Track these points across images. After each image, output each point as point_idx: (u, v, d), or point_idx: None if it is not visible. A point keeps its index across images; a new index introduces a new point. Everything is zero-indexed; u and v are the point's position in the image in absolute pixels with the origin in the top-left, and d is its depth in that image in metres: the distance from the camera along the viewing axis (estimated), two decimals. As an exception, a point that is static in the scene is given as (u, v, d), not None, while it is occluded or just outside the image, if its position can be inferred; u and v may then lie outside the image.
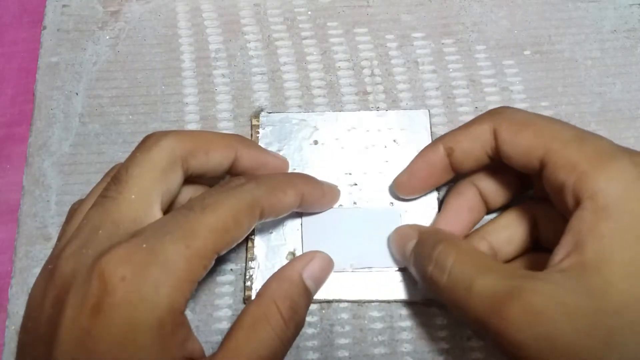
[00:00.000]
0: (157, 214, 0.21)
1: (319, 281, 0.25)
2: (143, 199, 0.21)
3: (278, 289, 0.23)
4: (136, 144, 0.24)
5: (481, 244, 0.25)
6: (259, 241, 0.27)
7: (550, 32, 0.32)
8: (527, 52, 0.32)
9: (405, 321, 0.26)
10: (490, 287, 0.20)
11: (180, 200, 0.24)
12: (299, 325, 0.23)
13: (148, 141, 0.22)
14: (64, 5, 0.33)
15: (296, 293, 0.23)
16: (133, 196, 0.21)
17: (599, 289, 0.19)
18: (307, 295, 0.24)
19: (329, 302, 0.26)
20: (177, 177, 0.22)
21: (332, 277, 0.26)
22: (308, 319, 0.26)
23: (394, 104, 0.31)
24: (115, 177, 0.21)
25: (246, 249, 0.27)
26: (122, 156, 0.29)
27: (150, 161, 0.22)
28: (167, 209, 0.22)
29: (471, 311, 0.20)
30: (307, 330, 0.26)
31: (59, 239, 0.24)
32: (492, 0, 0.33)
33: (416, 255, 0.24)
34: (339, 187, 0.28)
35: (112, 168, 0.25)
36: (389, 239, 0.27)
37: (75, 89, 0.31)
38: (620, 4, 0.33)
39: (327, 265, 0.26)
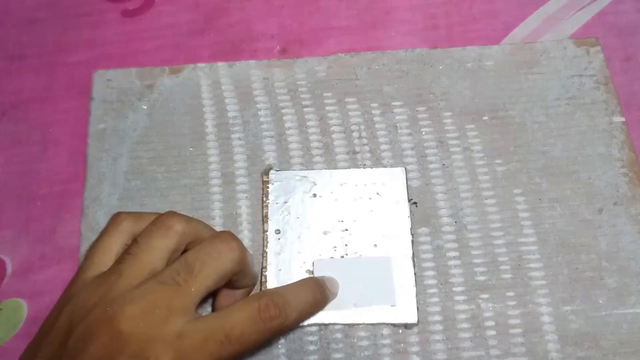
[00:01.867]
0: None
1: None
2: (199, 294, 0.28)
3: None
4: (171, 197, 0.32)
5: None
6: (271, 282, 0.34)
7: (505, 101, 0.40)
8: (485, 118, 0.39)
9: (386, 339, 0.33)
10: None
11: None
12: None
13: (219, 244, 0.29)
14: (108, 80, 0.40)
15: None
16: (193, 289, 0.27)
17: None
18: None
19: (326, 325, 0.34)
20: None
21: (331, 307, 0.34)
22: (309, 338, 0.33)
23: (377, 161, 0.38)
24: (188, 265, 0.28)
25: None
26: (160, 207, 0.36)
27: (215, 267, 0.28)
28: None
29: None
30: (309, 347, 0.33)
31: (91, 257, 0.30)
32: (457, 74, 0.40)
33: None
34: (333, 233, 0.35)
35: (114, 215, 0.31)
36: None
37: (120, 151, 0.38)
38: (563, 75, 0.40)
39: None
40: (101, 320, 0.26)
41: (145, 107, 0.40)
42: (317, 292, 0.32)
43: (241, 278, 0.30)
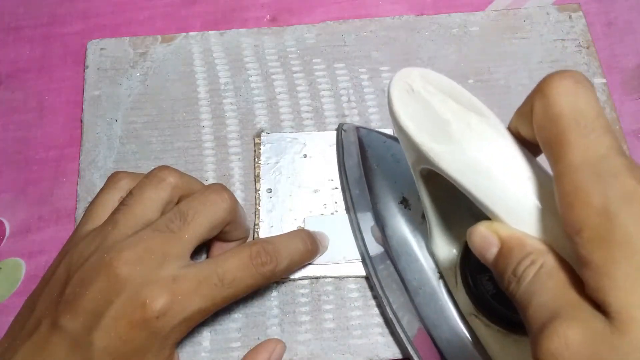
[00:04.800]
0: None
1: None
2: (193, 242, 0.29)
3: None
4: (165, 160, 0.33)
5: None
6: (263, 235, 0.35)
7: (489, 65, 0.41)
8: (470, 81, 0.40)
9: (374, 291, 0.35)
10: (541, 313, 0.20)
11: None
12: None
13: (211, 195, 0.30)
14: (101, 49, 0.41)
15: None
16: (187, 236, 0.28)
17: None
18: None
19: (317, 278, 0.35)
20: None
21: (322, 261, 0.35)
22: (301, 290, 0.34)
23: (366, 124, 0.39)
24: (182, 214, 0.29)
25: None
26: (154, 169, 0.37)
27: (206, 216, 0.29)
28: None
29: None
30: (301, 299, 0.34)
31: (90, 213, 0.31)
32: (443, 39, 0.41)
33: (496, 264, 0.23)
34: (323, 191, 0.36)
35: (113, 174, 0.32)
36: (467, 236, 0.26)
37: (114, 116, 0.39)
38: (546, 39, 0.41)
39: (283, 353, 0.32)
40: (98, 266, 0.27)
41: (138, 75, 0.41)
42: (308, 241, 0.33)
43: (233, 229, 0.31)
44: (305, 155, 0.38)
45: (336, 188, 0.37)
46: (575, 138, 0.20)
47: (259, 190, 0.37)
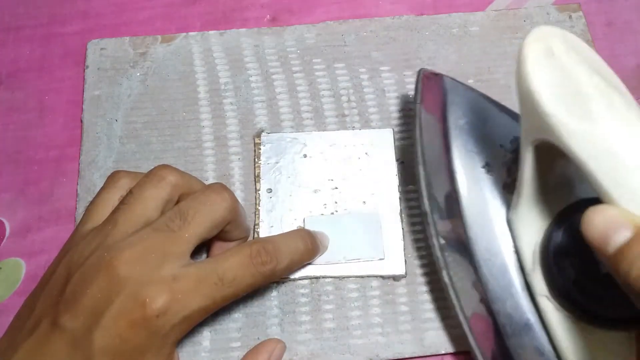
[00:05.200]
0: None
1: None
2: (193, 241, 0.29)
3: None
4: (165, 160, 0.33)
5: None
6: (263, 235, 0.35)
7: (490, 64, 0.41)
8: (470, 81, 0.40)
9: (375, 291, 0.35)
10: None
11: None
12: None
13: (211, 194, 0.30)
14: (102, 49, 0.41)
15: None
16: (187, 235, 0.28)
17: None
18: None
19: (317, 278, 0.35)
20: None
21: (322, 261, 0.35)
22: (301, 290, 0.34)
23: (366, 124, 0.39)
24: (182, 213, 0.29)
25: (253, 239, 0.35)
26: (154, 169, 0.37)
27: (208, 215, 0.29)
28: None
29: None
30: (301, 299, 0.34)
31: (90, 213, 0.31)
32: (443, 39, 0.41)
33: (621, 254, 0.21)
34: (323, 191, 0.36)
35: (112, 173, 0.32)
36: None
37: (114, 116, 0.39)
38: (546, 40, 0.41)
39: (283, 353, 0.32)
40: (99, 265, 0.27)
41: (138, 75, 0.41)
42: (308, 241, 0.33)
43: (233, 229, 0.31)
44: (305, 155, 0.38)
45: (336, 188, 0.37)
46: None
47: (259, 190, 0.37)
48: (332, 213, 0.36)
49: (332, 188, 0.37)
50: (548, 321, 0.28)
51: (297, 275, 0.34)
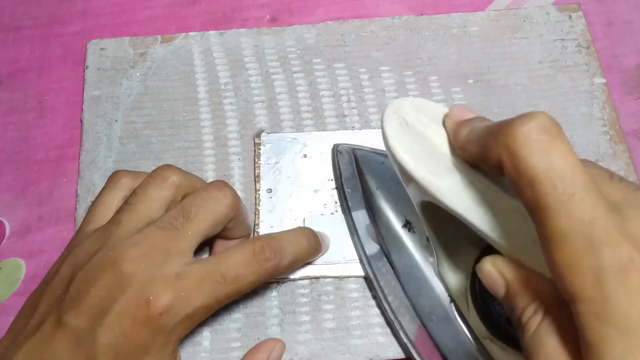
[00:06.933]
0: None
1: None
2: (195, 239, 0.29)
3: None
4: (165, 160, 0.33)
5: None
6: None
7: (489, 64, 0.41)
8: (470, 81, 0.40)
9: (374, 291, 0.35)
10: None
11: None
12: None
13: (213, 191, 0.30)
14: (101, 49, 0.41)
15: None
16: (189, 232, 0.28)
17: None
18: None
19: (317, 278, 0.35)
20: None
21: (322, 261, 0.35)
22: (301, 290, 0.34)
23: (365, 124, 0.39)
24: (185, 210, 0.29)
25: (253, 239, 0.35)
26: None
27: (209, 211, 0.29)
28: None
29: None
30: (301, 299, 0.34)
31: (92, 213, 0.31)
32: (443, 39, 0.41)
33: (504, 304, 0.23)
34: (323, 191, 0.36)
35: (113, 173, 0.32)
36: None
37: (114, 116, 0.39)
38: (546, 39, 0.41)
39: (283, 352, 0.32)
40: (103, 263, 0.27)
41: (138, 75, 0.41)
42: (312, 238, 0.33)
43: (236, 226, 0.31)
44: (305, 155, 0.38)
45: (335, 188, 0.37)
46: (556, 204, 0.19)
47: (259, 190, 0.37)
48: (332, 213, 0.36)
49: (332, 188, 0.37)
50: None
51: (297, 275, 0.34)
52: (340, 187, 0.36)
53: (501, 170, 0.21)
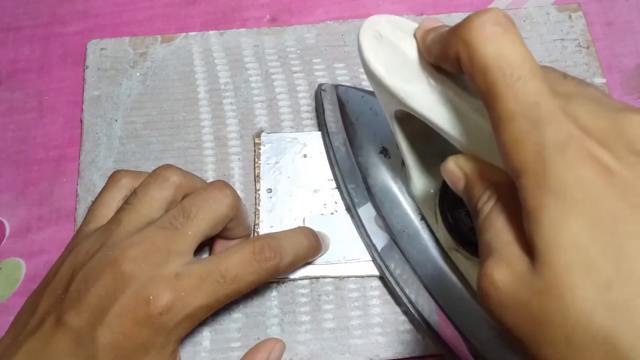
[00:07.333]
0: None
1: None
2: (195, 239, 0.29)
3: None
4: (165, 160, 0.33)
5: None
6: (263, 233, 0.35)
7: (489, 64, 0.41)
8: (470, 81, 0.40)
9: (375, 291, 0.35)
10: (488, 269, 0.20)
11: None
12: None
13: (214, 191, 0.30)
14: (101, 49, 0.41)
15: None
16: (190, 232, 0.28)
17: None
18: None
19: (317, 278, 0.35)
20: None
21: (322, 261, 0.35)
22: (301, 290, 0.34)
23: (366, 124, 0.39)
24: (185, 210, 0.29)
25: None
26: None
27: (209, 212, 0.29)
28: None
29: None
30: (301, 299, 0.34)
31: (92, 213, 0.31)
32: (443, 39, 0.41)
33: (464, 197, 0.24)
34: (323, 191, 0.36)
35: (113, 173, 0.32)
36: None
37: (114, 116, 0.39)
38: (546, 39, 0.41)
39: (282, 352, 0.32)
40: (103, 263, 0.27)
41: (138, 75, 0.41)
42: (312, 238, 0.33)
43: (236, 226, 0.31)
44: (305, 155, 0.38)
45: (335, 188, 0.37)
46: (504, 88, 0.20)
47: (259, 190, 0.37)
48: (332, 213, 0.36)
49: (332, 188, 0.37)
50: (464, 271, 0.31)
51: (297, 275, 0.34)
52: (323, 125, 0.37)
53: (460, 65, 0.22)
